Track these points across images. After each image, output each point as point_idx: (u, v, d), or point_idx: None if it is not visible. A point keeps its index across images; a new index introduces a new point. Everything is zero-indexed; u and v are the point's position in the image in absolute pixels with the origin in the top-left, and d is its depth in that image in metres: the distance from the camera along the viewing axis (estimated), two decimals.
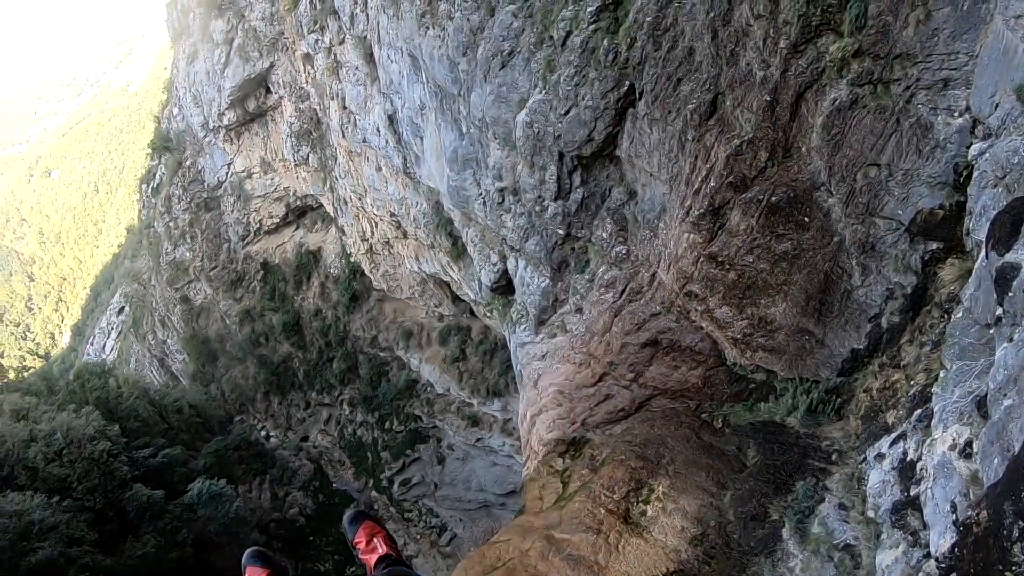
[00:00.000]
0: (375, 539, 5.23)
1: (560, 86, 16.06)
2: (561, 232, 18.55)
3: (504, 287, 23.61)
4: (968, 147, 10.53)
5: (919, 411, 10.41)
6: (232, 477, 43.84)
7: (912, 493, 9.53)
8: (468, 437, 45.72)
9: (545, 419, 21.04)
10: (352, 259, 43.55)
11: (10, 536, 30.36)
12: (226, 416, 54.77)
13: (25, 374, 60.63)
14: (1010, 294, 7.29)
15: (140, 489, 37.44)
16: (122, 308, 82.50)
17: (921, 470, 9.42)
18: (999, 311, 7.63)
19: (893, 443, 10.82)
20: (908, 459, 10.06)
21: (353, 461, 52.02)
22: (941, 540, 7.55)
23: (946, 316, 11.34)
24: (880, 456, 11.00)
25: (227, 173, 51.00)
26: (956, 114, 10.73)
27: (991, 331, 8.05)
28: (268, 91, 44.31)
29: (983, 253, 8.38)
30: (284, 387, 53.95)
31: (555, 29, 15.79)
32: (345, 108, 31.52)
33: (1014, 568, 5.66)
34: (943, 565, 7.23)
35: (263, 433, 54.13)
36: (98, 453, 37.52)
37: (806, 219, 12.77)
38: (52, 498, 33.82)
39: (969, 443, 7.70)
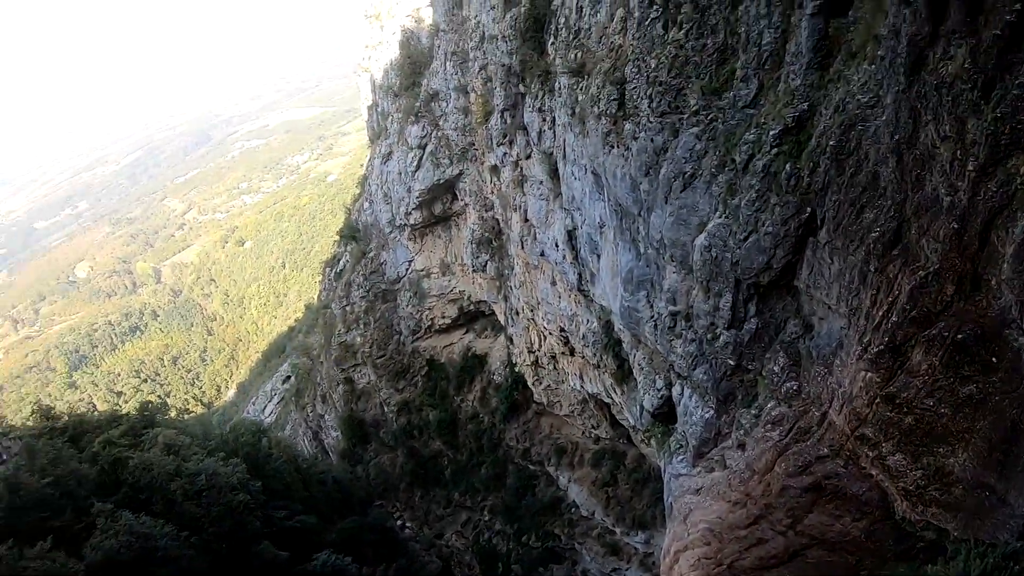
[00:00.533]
0: None
1: (740, 210, 15.51)
2: (731, 362, 17.73)
3: (666, 414, 22.85)
4: None
5: None
6: (359, 557, 43.96)
7: None
8: (605, 566, 44.08)
9: (690, 556, 19.92)
10: (517, 369, 43.86)
11: (134, 554, 32.00)
12: (367, 498, 55.49)
13: (185, 416, 65.09)
14: None
15: (268, 547, 38.36)
16: (288, 377, 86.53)
17: None
18: None
19: None
20: None
21: (483, 568, 51.17)
22: None
23: None
24: None
25: (407, 269, 53.13)
26: None
27: None
28: (455, 197, 46.37)
29: None
30: (429, 482, 54.27)
31: (737, 152, 15.40)
32: (527, 221, 32.19)
33: None
34: None
35: (399, 522, 54.32)
36: (236, 503, 38.94)
37: (994, 360, 11.37)
38: (182, 532, 34.94)
39: None
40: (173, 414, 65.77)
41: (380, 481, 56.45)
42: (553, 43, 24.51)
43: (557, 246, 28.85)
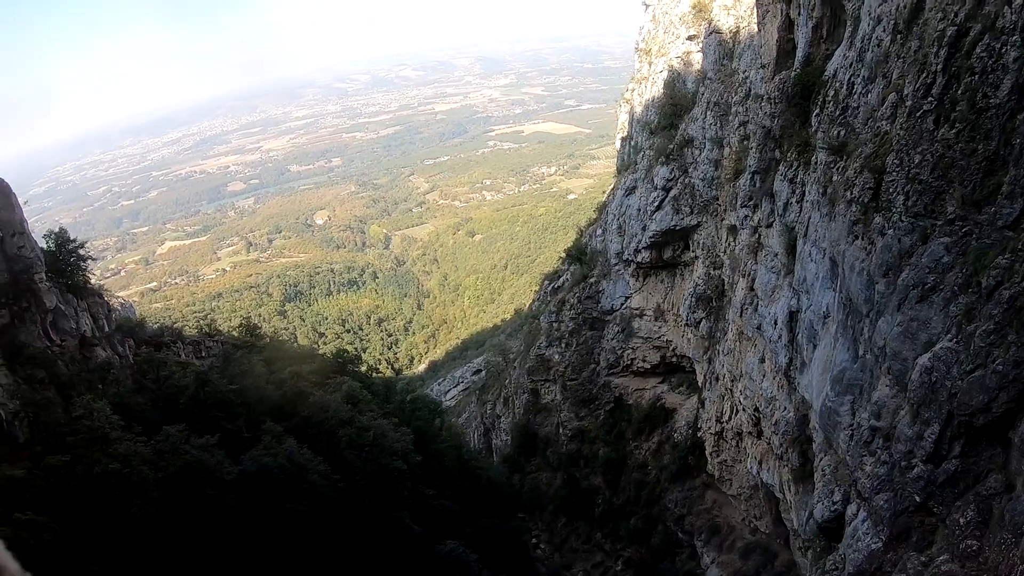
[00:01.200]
0: None
1: (973, 339, 14.02)
2: (918, 499, 16.26)
3: (833, 530, 21.42)
4: None
5: None
6: (485, 558, 44.47)
7: None
8: None
9: None
10: (699, 434, 42.76)
11: (284, 477, 35.29)
12: (512, 506, 56.04)
13: (373, 374, 69.36)
14: None
15: (406, 517, 40.03)
16: (479, 371, 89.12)
17: None
18: None
19: None
20: None
21: None
22: None
23: None
24: None
25: (622, 304, 53.25)
26: None
27: None
28: (687, 246, 45.96)
29: None
30: (576, 513, 53.92)
31: (985, 276, 13.92)
32: (752, 290, 31.33)
33: None
34: None
35: (534, 540, 54.39)
36: (392, 467, 41.09)
37: None
38: (334, 475, 37.11)
39: None
40: (363, 368, 69.70)
41: (531, 496, 56.87)
42: (817, 115, 23.60)
43: (775, 324, 27.82)
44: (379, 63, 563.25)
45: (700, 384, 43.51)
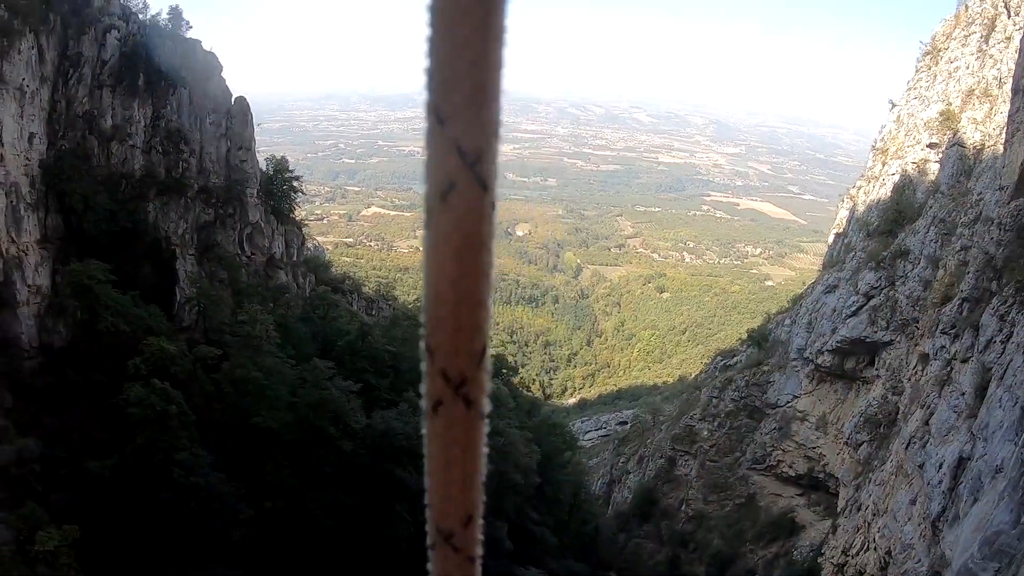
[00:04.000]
0: None
1: None
2: None
3: None
4: None
5: None
6: None
7: None
8: None
9: None
10: (820, 560, 39.43)
11: (402, 445, 38.10)
12: (607, 563, 54.52)
13: (523, 390, 70.73)
14: None
15: (503, 530, 41.69)
16: (624, 422, 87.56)
17: None
18: None
19: None
20: None
21: None
22: None
23: None
24: None
25: (787, 402, 50.51)
26: None
27: None
28: (871, 363, 42.79)
29: None
30: None
31: None
32: (926, 424, 28.50)
33: None
34: None
35: None
36: (512, 479, 42.61)
37: None
38: None
39: None
40: (516, 380, 70.45)
41: (629, 559, 54.82)
42: None
43: (940, 467, 25.06)
44: (616, 101, 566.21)
45: (839, 509, 40.19)
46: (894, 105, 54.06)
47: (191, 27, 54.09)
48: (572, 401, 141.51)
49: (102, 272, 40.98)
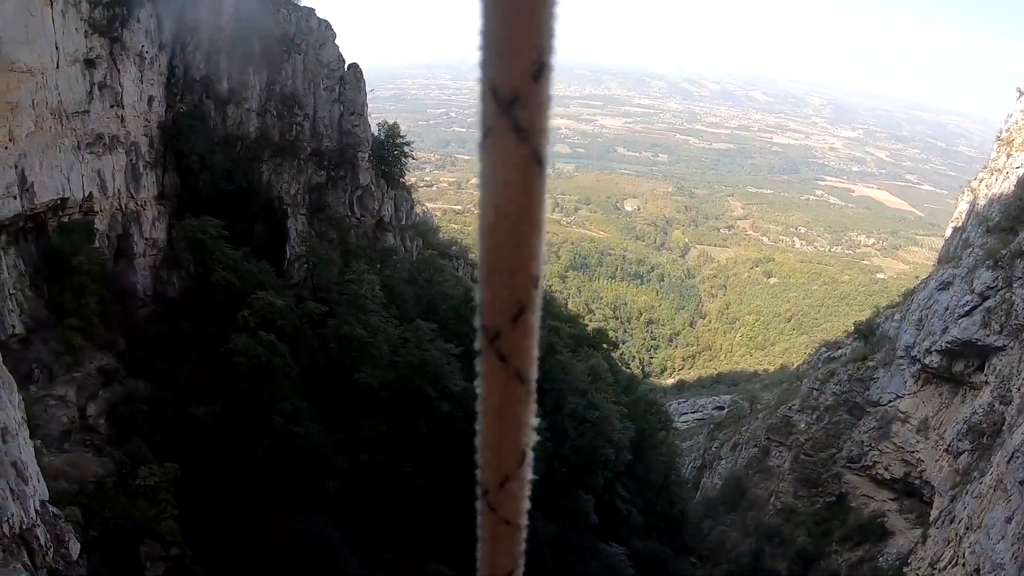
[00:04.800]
0: None
1: None
2: None
3: None
4: None
5: None
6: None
7: None
8: None
9: None
10: (905, 570, 38.36)
11: None
12: (689, 548, 54.79)
13: (622, 366, 71.38)
14: None
15: (589, 503, 43.02)
16: (721, 407, 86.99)
17: None
18: None
19: None
20: None
21: None
22: None
23: None
24: None
25: (889, 401, 49.04)
26: None
27: None
28: (981, 368, 40.96)
29: None
30: None
31: None
32: None
33: None
34: None
35: None
36: (600, 453, 44.20)
37: None
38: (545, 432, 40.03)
39: None
40: (616, 356, 70.85)
41: (712, 547, 54.66)
42: None
43: None
44: (731, 77, 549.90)
45: (931, 519, 39.08)
46: (1022, 93, 51.35)
47: None
48: (670, 382, 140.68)
49: (216, 228, 43.40)
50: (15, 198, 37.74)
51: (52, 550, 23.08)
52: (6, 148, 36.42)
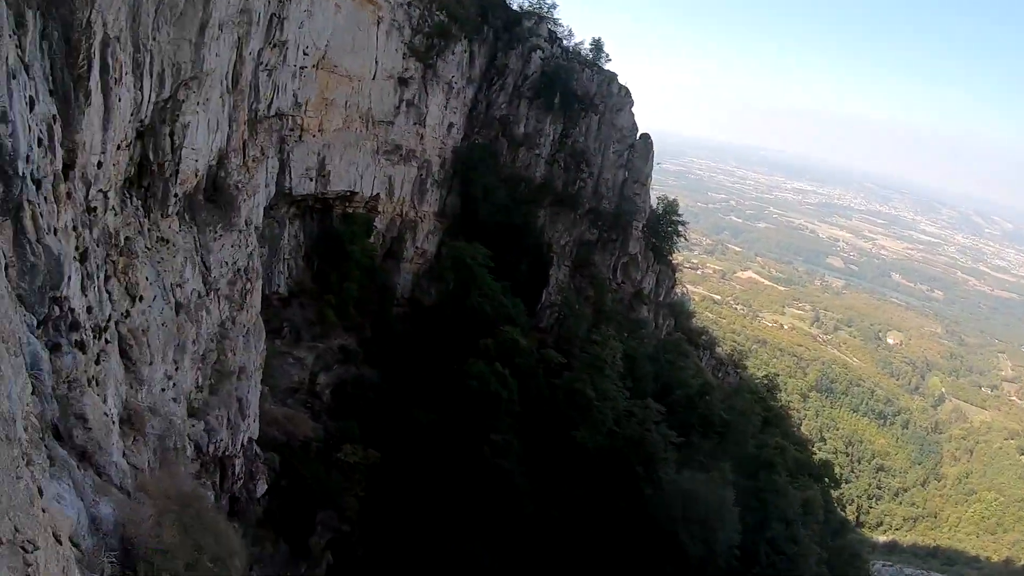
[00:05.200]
0: None
1: None
2: None
3: None
4: None
5: None
6: None
7: None
8: None
9: None
10: None
11: (632, 437, 40.31)
12: None
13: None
14: None
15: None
16: None
17: None
18: None
19: None
20: None
21: None
22: None
23: None
24: None
25: None
26: None
27: None
28: None
29: None
30: None
31: None
32: None
33: None
34: None
35: None
36: None
37: None
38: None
39: None
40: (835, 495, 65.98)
41: None
42: None
43: None
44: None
45: None
46: None
47: (610, 59, 59.46)
48: (883, 539, 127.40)
49: (484, 257, 45.84)
50: (312, 180, 42.90)
51: (242, 482, 25.15)
52: (314, 136, 41.77)
